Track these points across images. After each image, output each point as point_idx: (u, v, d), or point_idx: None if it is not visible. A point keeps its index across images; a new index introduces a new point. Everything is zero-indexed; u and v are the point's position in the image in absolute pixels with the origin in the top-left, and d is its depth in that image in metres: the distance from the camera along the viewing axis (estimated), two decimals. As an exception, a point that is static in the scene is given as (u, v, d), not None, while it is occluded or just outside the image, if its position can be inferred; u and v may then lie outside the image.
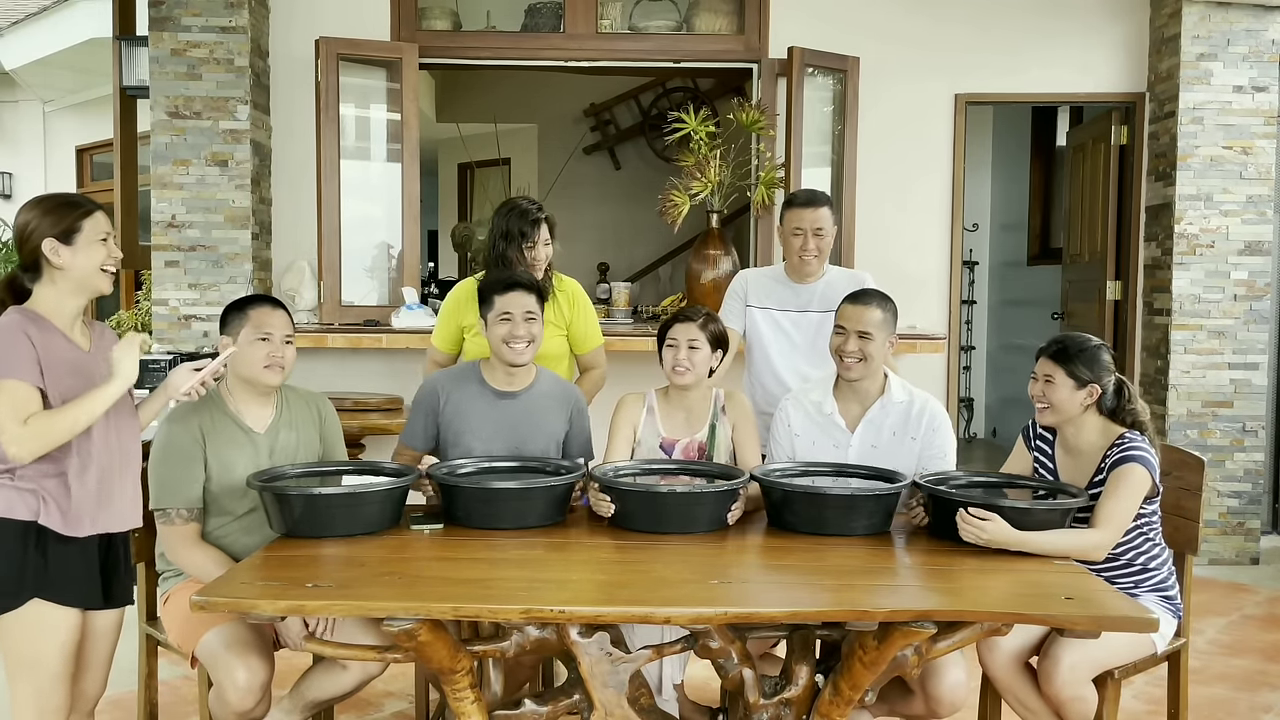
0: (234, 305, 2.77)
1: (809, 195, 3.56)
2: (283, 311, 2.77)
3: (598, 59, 5.73)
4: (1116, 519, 2.58)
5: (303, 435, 2.83)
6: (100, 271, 2.38)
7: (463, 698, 2.29)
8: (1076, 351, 2.71)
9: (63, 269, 2.33)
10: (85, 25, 7.35)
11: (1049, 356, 2.74)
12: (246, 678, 2.49)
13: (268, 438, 2.76)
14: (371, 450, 4.75)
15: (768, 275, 3.72)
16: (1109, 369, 2.73)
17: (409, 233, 5.36)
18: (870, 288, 3.09)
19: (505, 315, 2.89)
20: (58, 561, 2.33)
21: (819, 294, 3.54)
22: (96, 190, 8.76)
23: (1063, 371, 2.70)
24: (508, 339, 2.89)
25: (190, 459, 2.66)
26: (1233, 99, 5.34)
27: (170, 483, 2.65)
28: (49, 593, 2.32)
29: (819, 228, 3.47)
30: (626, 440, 3.02)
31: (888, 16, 5.54)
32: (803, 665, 2.37)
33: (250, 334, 2.70)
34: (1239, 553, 5.40)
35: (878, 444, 2.91)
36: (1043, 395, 2.75)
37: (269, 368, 2.70)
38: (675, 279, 8.38)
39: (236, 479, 2.68)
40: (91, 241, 2.35)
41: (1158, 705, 3.43)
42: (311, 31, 5.24)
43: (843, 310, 2.93)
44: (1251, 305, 5.39)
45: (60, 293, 2.36)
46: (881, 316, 2.88)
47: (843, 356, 2.89)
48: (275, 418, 2.79)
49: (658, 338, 3.05)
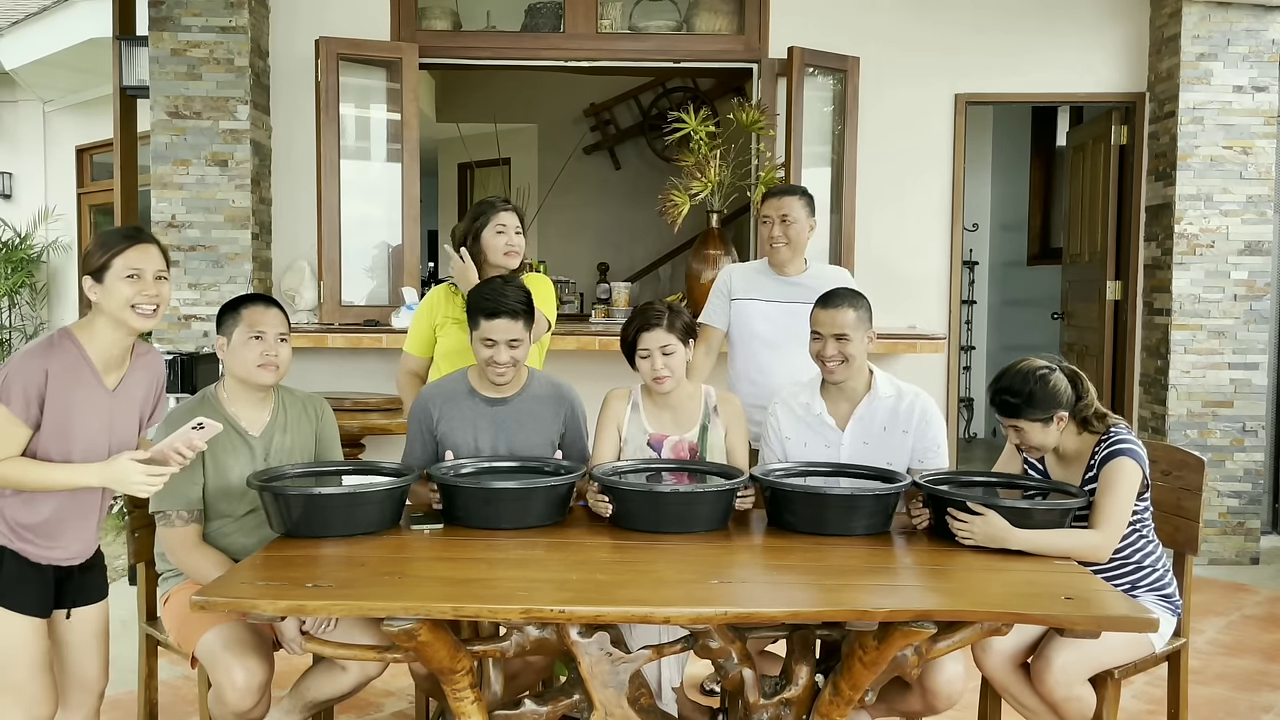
0: (229, 304, 2.77)
1: (783, 186, 3.70)
2: (277, 310, 2.75)
3: (598, 59, 5.73)
4: (1114, 517, 2.57)
5: (298, 438, 2.83)
6: (128, 308, 2.32)
7: (463, 698, 2.29)
8: (1024, 399, 2.63)
9: (98, 306, 2.35)
10: (85, 25, 7.34)
11: (1000, 412, 2.68)
12: (245, 678, 2.49)
13: (263, 441, 2.76)
14: (371, 450, 4.76)
15: (752, 268, 3.76)
16: (1060, 388, 2.64)
17: (409, 233, 5.36)
18: (840, 288, 2.99)
19: (489, 341, 2.84)
20: (13, 573, 2.34)
21: (806, 287, 3.55)
22: (96, 190, 8.76)
23: (1022, 420, 2.65)
24: (489, 364, 2.87)
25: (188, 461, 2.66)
26: (1233, 99, 5.34)
27: (169, 485, 2.64)
28: (6, 601, 2.34)
29: (785, 214, 3.52)
30: (612, 440, 3.00)
31: (888, 17, 5.54)
32: (803, 665, 2.37)
33: (244, 333, 2.69)
34: (1239, 553, 5.40)
35: (869, 440, 2.91)
36: (1019, 441, 2.72)
37: (262, 367, 2.69)
38: (675, 279, 8.38)
39: (233, 483, 2.69)
40: (118, 278, 2.31)
41: (1158, 705, 3.43)
42: (311, 31, 5.24)
43: (815, 315, 2.90)
44: (1251, 305, 5.39)
45: (98, 328, 2.36)
46: (855, 316, 2.85)
47: (824, 361, 2.88)
48: (270, 421, 2.78)
49: (624, 346, 2.98)
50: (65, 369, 2.30)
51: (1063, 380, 2.66)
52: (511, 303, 2.86)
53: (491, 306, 2.84)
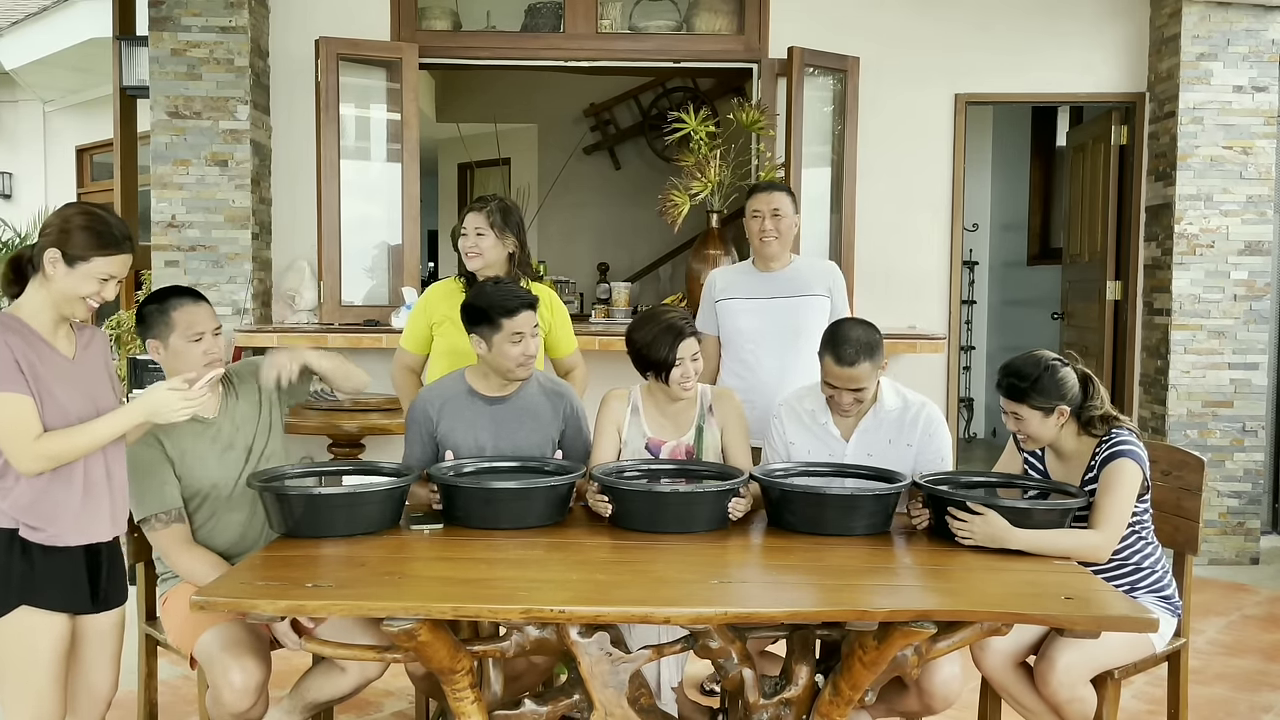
0: (152, 302, 2.69)
1: (768, 182, 3.77)
2: (205, 304, 2.71)
3: (598, 59, 5.73)
4: (1114, 517, 2.57)
5: (247, 402, 2.81)
6: (82, 300, 2.31)
7: (463, 698, 2.29)
8: (1030, 384, 2.64)
9: (52, 281, 2.29)
10: (85, 25, 7.35)
11: (1005, 394, 2.69)
12: (242, 679, 2.49)
13: (224, 418, 2.76)
14: (371, 450, 4.75)
15: (734, 270, 3.81)
16: (1067, 383, 2.65)
17: (409, 233, 5.36)
18: (853, 337, 2.77)
19: (517, 335, 2.84)
20: (44, 567, 2.31)
21: (787, 280, 3.59)
22: (96, 190, 8.76)
23: (1025, 406, 2.66)
24: (522, 356, 2.86)
25: (154, 465, 2.67)
26: (1233, 99, 5.34)
27: (143, 493, 2.65)
28: (36, 599, 2.30)
29: (775, 208, 3.55)
30: (612, 442, 3.00)
31: (888, 17, 5.54)
32: (803, 665, 2.37)
33: (181, 337, 2.64)
34: (1239, 553, 5.40)
35: (873, 453, 2.89)
36: (1018, 429, 2.73)
37: (209, 365, 2.65)
38: (675, 279, 8.38)
39: (207, 467, 2.70)
40: (91, 275, 2.28)
41: (1158, 705, 3.43)
42: (311, 31, 5.24)
43: (828, 368, 2.80)
44: (1251, 305, 5.39)
45: (42, 300, 2.32)
46: (870, 367, 2.78)
47: (839, 405, 2.85)
48: (222, 398, 2.78)
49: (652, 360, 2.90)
50: (22, 342, 2.28)
51: (1072, 376, 2.67)
52: (520, 295, 2.90)
53: (508, 305, 2.85)
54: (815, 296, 3.59)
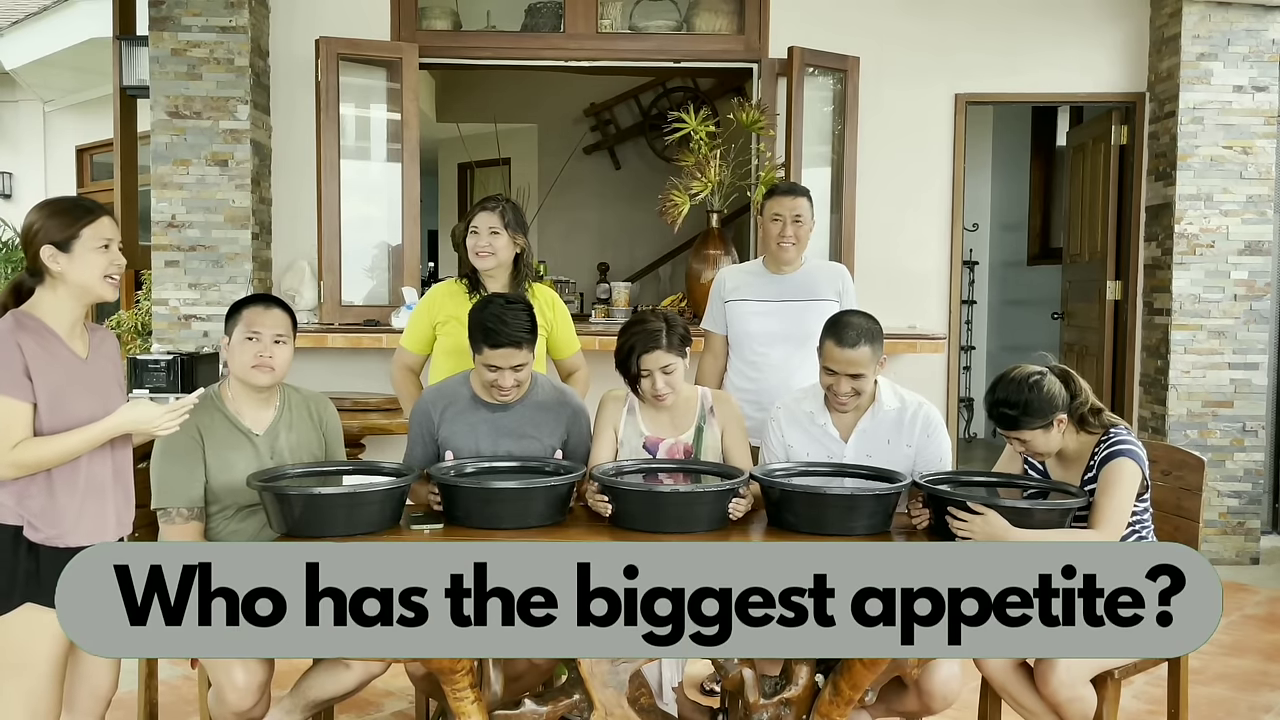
0: (235, 304, 2.79)
1: (790, 185, 3.70)
2: (279, 311, 2.75)
3: (598, 59, 5.73)
4: (1114, 517, 2.57)
5: (302, 436, 2.83)
6: (103, 280, 2.34)
7: (463, 698, 2.29)
8: (1021, 410, 2.63)
9: (61, 276, 2.32)
10: (85, 25, 7.34)
11: (1000, 426, 2.69)
12: (244, 678, 2.49)
13: (267, 439, 2.77)
14: (371, 450, 4.76)
15: (744, 270, 3.76)
16: (1054, 392, 2.65)
17: (409, 233, 5.36)
18: (854, 321, 2.83)
19: (492, 367, 2.82)
20: (49, 565, 2.30)
21: (798, 283, 3.57)
22: (96, 190, 8.76)
23: (1024, 430, 2.66)
24: (493, 385, 2.86)
25: (190, 458, 2.67)
26: (1233, 99, 5.34)
27: (171, 482, 2.65)
28: (41, 597, 2.30)
29: (798, 214, 3.52)
30: (609, 442, 2.99)
31: (888, 16, 5.54)
32: (803, 665, 2.37)
33: (241, 333, 2.70)
34: (1239, 553, 5.40)
35: (872, 453, 2.89)
36: (1025, 450, 2.73)
37: (256, 368, 2.69)
38: (675, 279, 8.39)
39: (236, 479, 2.69)
40: (90, 249, 2.31)
41: (1158, 705, 3.43)
42: (311, 31, 5.24)
43: (830, 352, 2.81)
44: (1251, 305, 5.39)
45: (59, 299, 2.34)
46: (871, 351, 2.79)
47: (836, 395, 2.85)
48: (275, 419, 2.79)
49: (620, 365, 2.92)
50: (36, 343, 2.29)
51: (1055, 383, 2.67)
52: (514, 331, 2.79)
53: (495, 337, 2.78)
54: (825, 301, 3.54)
